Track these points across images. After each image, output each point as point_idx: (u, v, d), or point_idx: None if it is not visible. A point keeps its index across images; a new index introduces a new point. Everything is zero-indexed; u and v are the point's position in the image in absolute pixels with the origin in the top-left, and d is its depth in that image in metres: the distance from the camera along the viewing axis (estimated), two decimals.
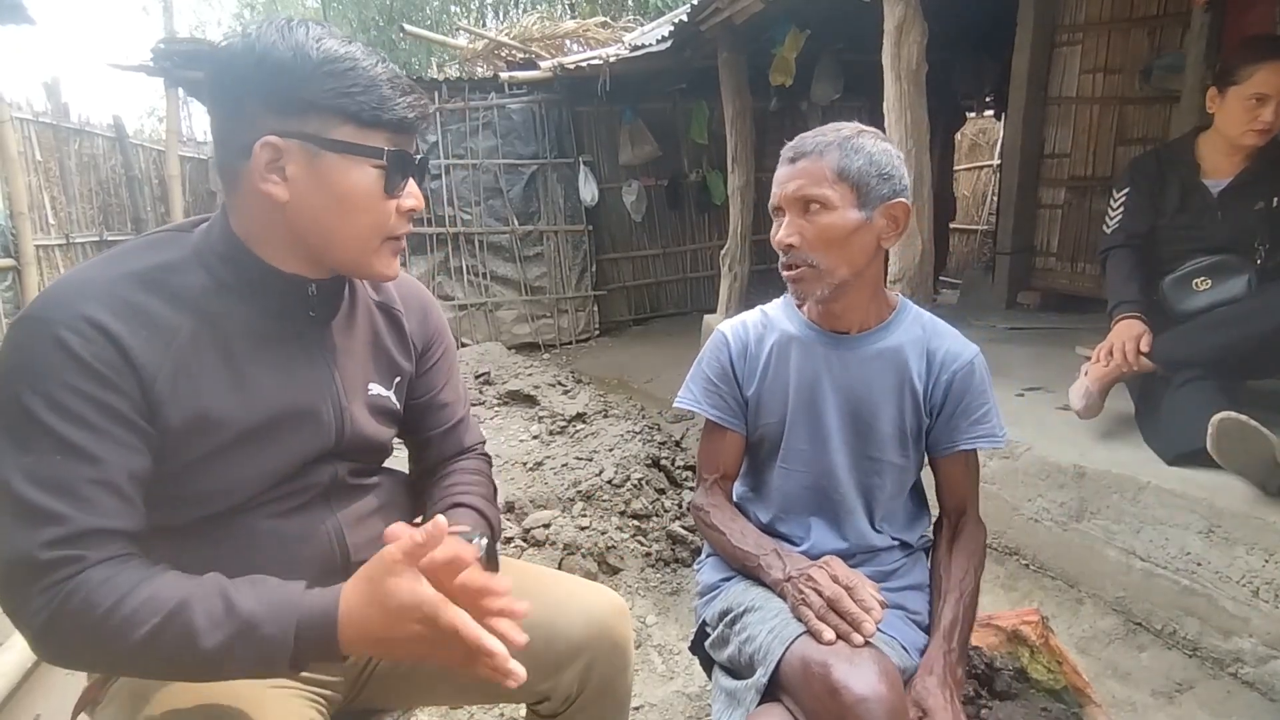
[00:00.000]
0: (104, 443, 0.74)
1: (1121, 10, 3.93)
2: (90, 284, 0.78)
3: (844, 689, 0.88)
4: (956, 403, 1.17)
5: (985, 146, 8.44)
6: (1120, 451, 2.09)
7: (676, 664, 1.97)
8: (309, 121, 0.80)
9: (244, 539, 0.87)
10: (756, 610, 1.07)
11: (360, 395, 0.99)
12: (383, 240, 0.88)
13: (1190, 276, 2.07)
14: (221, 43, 0.84)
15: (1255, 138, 1.96)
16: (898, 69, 2.72)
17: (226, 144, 0.83)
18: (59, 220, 5.09)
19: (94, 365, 0.74)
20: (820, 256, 1.10)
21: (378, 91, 0.82)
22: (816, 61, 5.33)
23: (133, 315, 0.78)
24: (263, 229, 0.86)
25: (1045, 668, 1.52)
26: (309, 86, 0.79)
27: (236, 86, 0.81)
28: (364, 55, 0.82)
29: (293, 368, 0.90)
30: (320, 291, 0.92)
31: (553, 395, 4.26)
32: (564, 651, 1.03)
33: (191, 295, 0.83)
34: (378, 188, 0.85)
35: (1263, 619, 1.64)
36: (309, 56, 0.79)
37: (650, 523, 2.62)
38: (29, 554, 0.70)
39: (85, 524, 0.72)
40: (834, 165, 1.08)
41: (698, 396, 1.26)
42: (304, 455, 0.92)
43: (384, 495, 1.05)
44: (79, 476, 0.73)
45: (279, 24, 0.81)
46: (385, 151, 0.84)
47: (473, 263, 6.01)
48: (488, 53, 6.92)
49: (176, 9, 14.38)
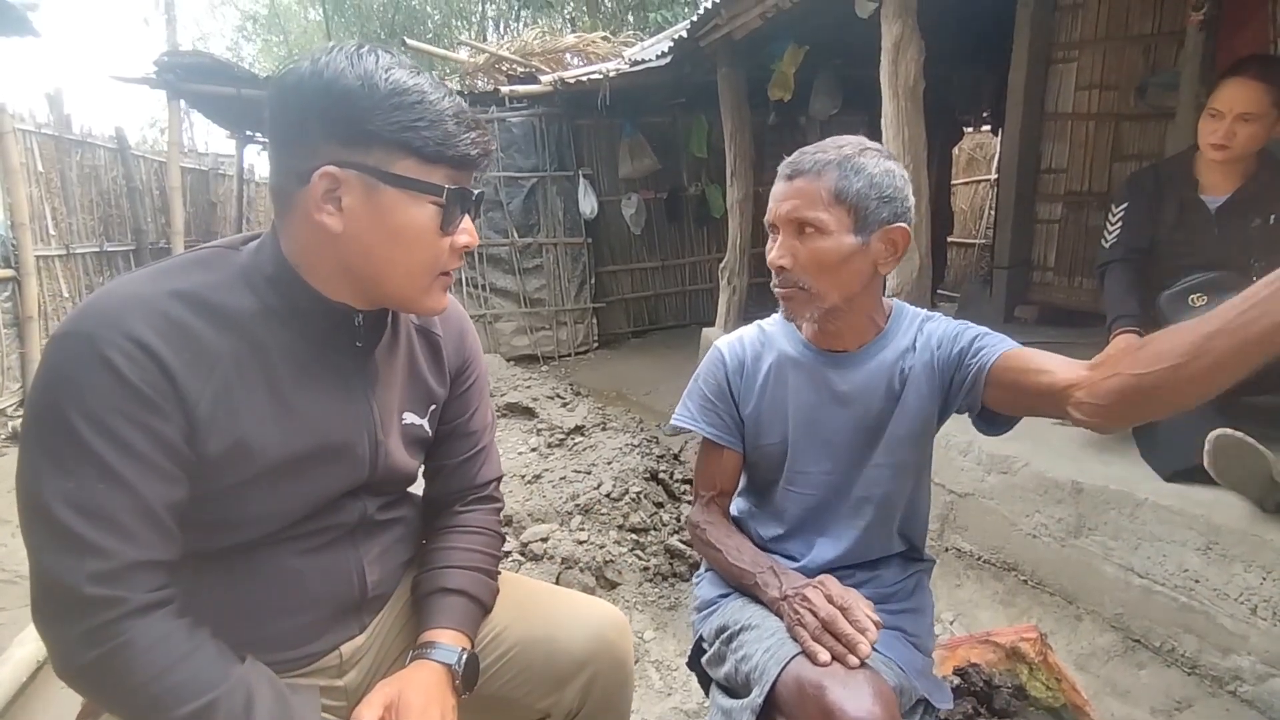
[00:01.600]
0: (148, 472, 0.74)
1: (1117, 28, 3.96)
2: (134, 300, 0.76)
3: (839, 711, 0.88)
4: (964, 352, 1.09)
5: (983, 161, 8.48)
6: (1117, 467, 2.09)
7: (674, 680, 1.96)
8: (371, 154, 0.78)
9: (266, 573, 0.87)
10: (753, 629, 1.06)
11: (395, 426, 0.97)
12: (434, 277, 0.87)
13: (1187, 292, 2.08)
14: (287, 65, 0.83)
15: (1212, 152, 2.00)
16: (895, 85, 2.74)
17: (283, 169, 0.81)
18: (60, 231, 5.10)
19: (141, 389, 0.73)
20: (812, 280, 1.08)
21: (443, 127, 0.80)
22: (815, 77, 5.36)
23: (178, 336, 0.76)
24: (313, 256, 0.84)
25: (1044, 685, 1.51)
26: (374, 118, 0.77)
27: (300, 112, 0.79)
28: (432, 88, 0.80)
29: (332, 399, 0.88)
30: (366, 321, 0.90)
31: (551, 408, 4.26)
32: (566, 667, 1.03)
33: (237, 318, 0.81)
34: (434, 224, 0.83)
35: (1261, 636, 1.64)
36: (377, 87, 0.77)
37: (648, 537, 2.62)
38: (73, 585, 0.70)
39: (129, 558, 0.72)
40: (831, 187, 1.05)
41: (694, 414, 1.25)
42: (336, 489, 0.91)
43: (404, 528, 1.06)
44: (122, 506, 0.72)
45: (348, 50, 0.79)
46: (445, 190, 0.82)
47: (472, 274, 6.02)
48: (488, 67, 6.97)
49: (179, 21, 14.47)
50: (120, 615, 0.72)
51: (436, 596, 1.00)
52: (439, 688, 0.91)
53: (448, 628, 0.97)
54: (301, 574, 0.89)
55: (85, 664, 0.72)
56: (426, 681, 0.91)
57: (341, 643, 0.96)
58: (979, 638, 1.62)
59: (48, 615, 0.73)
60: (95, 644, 0.71)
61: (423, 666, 0.92)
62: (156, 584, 0.75)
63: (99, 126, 6.28)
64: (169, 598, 0.77)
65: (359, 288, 0.86)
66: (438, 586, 1.01)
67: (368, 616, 0.99)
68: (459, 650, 0.95)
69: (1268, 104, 1.91)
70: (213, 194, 8.09)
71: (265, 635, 0.87)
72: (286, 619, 0.89)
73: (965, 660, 1.55)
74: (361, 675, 0.99)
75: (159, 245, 6.24)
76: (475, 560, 1.05)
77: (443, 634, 0.96)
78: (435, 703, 0.89)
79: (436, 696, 0.90)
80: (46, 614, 0.73)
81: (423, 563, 1.06)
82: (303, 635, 0.91)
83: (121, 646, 0.72)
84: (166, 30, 15.10)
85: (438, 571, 1.03)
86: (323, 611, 0.91)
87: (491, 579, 1.07)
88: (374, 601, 1.00)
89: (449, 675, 0.93)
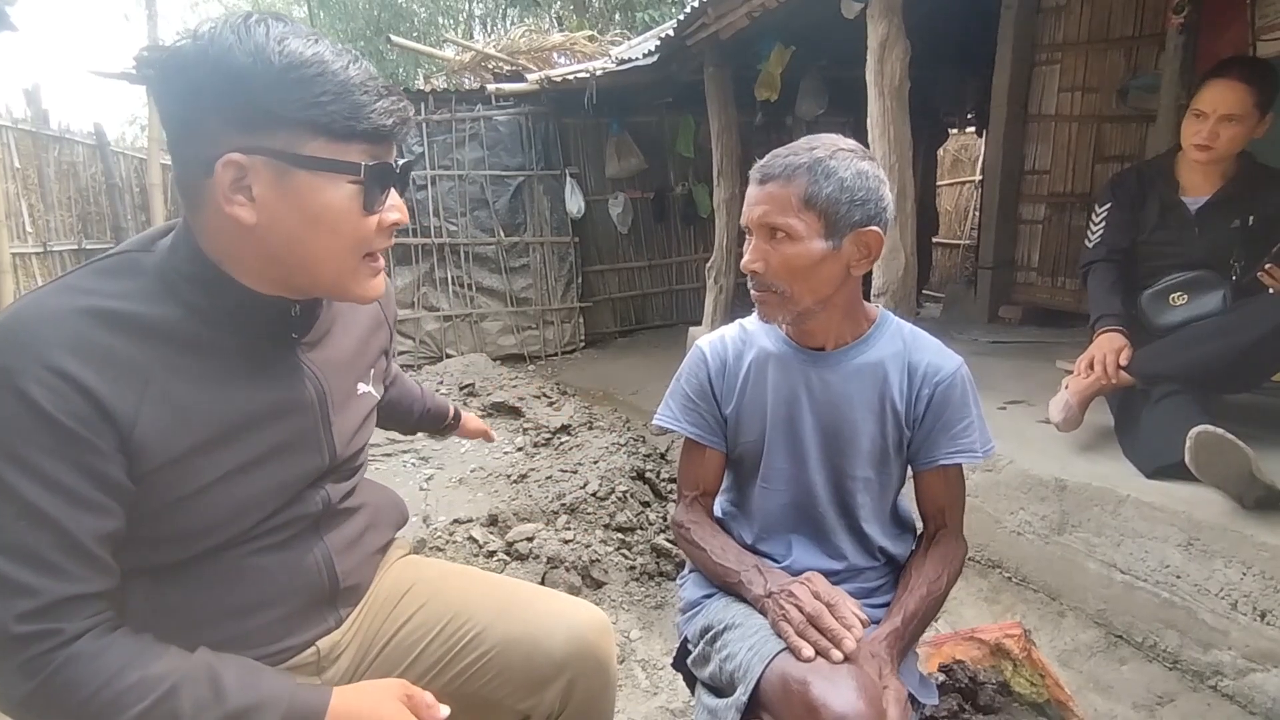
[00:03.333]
0: (73, 507, 0.69)
1: (1099, 31, 4.01)
2: (48, 324, 0.70)
3: (823, 706, 0.87)
4: (937, 417, 1.15)
5: (967, 162, 8.55)
6: (1100, 465, 2.10)
7: (660, 679, 1.96)
8: (276, 136, 0.72)
9: (230, 575, 0.84)
10: (737, 627, 1.06)
11: (349, 403, 0.95)
12: (359, 260, 0.81)
13: (1167, 292, 2.11)
14: (171, 44, 0.74)
15: (1196, 153, 2.02)
16: (881, 85, 2.75)
17: (185, 160, 0.74)
18: (37, 228, 5.02)
19: (63, 422, 0.68)
20: (784, 284, 1.08)
21: (350, 99, 0.73)
22: (801, 77, 5.38)
23: (100, 358, 0.71)
24: (233, 250, 0.78)
25: (1028, 681, 1.52)
26: (273, 96, 0.70)
27: (191, 97, 0.72)
28: (333, 56, 0.73)
29: (277, 394, 0.84)
30: (303, 311, 0.86)
31: (538, 407, 4.24)
32: (546, 669, 1.01)
33: (163, 329, 0.76)
34: (355, 205, 0.77)
35: (1241, 631, 1.66)
36: (271, 62, 0.70)
37: (635, 536, 2.61)
38: (2, 626, 0.67)
39: (58, 593, 0.69)
40: (801, 193, 1.04)
41: (676, 414, 1.24)
42: (299, 481, 0.88)
43: (370, 515, 1.03)
44: (46, 543, 0.68)
45: (234, 22, 0.71)
46: (362, 166, 0.76)
47: (458, 274, 5.98)
48: (475, 65, 6.93)
49: (161, 16, 14.27)
50: (55, 645, 0.68)
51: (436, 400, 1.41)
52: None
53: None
54: (267, 570, 0.86)
55: (27, 694, 0.68)
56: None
57: (318, 637, 0.94)
58: (963, 635, 1.63)
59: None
60: (32, 674, 0.68)
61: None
62: (91, 612, 0.72)
63: (78, 123, 6.18)
64: (107, 620, 0.73)
65: (288, 280, 0.80)
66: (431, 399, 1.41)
67: (344, 609, 0.98)
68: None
69: (1250, 105, 1.93)
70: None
71: (234, 635, 0.84)
72: (256, 616, 0.86)
73: (950, 657, 1.56)
74: (343, 672, 0.98)
75: None
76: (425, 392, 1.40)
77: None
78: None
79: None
80: None
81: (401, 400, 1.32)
82: (274, 631, 0.88)
83: (62, 666, 0.68)
84: (148, 26, 14.90)
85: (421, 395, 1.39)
86: (293, 605, 0.88)
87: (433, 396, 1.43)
88: (348, 593, 0.97)
89: None
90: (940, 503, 1.20)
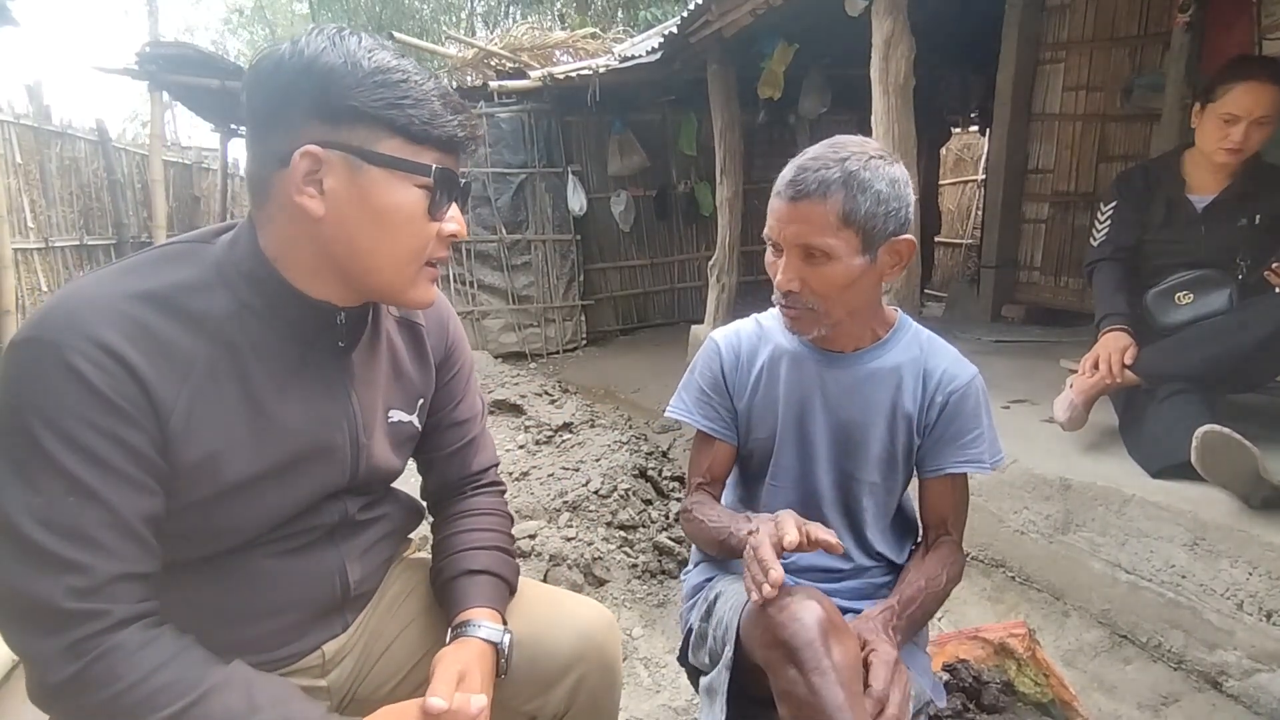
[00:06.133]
0: (120, 484, 0.70)
1: (1103, 30, 4.00)
2: (100, 302, 0.72)
3: (777, 624, 0.88)
4: (948, 425, 1.14)
5: (970, 161, 8.54)
6: (1105, 464, 2.10)
7: (663, 677, 1.95)
8: (356, 132, 0.75)
9: (244, 577, 0.84)
10: (725, 595, 1.06)
11: (380, 425, 0.94)
12: (421, 266, 0.83)
13: (1173, 290, 2.10)
14: (265, 50, 0.79)
15: (1225, 156, 1.99)
16: (886, 82, 2.74)
17: (261, 153, 0.78)
18: (38, 224, 5.02)
19: (112, 398, 0.69)
20: (819, 302, 1.07)
21: (429, 106, 0.77)
22: (805, 75, 5.37)
23: (149, 342, 0.72)
24: (292, 248, 0.80)
25: (1032, 681, 1.52)
26: (358, 94, 0.74)
27: (280, 92, 0.76)
28: (416, 70, 0.78)
29: (313, 402, 0.85)
30: (348, 319, 0.87)
31: (539, 405, 4.23)
32: (552, 669, 1.00)
33: (212, 320, 0.77)
34: (421, 208, 0.80)
35: (1247, 632, 1.65)
36: (360, 65, 0.75)
37: (637, 534, 2.61)
38: (52, 602, 0.67)
39: (107, 572, 0.69)
40: (838, 210, 1.00)
41: (690, 407, 1.24)
42: (317, 494, 0.88)
43: (387, 525, 1.03)
44: (95, 521, 0.69)
45: (329, 32, 0.77)
46: (433, 169, 0.79)
47: (460, 271, 5.97)
48: (477, 62, 6.91)
49: (163, 12, 14.28)
50: (105, 628, 0.69)
51: (464, 579, 0.98)
52: (487, 661, 0.90)
53: (483, 606, 0.95)
54: (281, 576, 0.86)
55: (66, 678, 0.68)
56: (478, 654, 0.89)
57: (324, 642, 0.94)
58: (968, 634, 1.63)
59: (23, 632, 0.70)
60: (78, 657, 0.68)
61: (468, 644, 0.90)
62: (139, 596, 0.73)
63: (79, 118, 6.21)
64: (152, 610, 0.74)
65: (341, 280, 0.82)
66: (463, 570, 0.99)
67: (350, 615, 0.97)
68: (502, 629, 0.94)
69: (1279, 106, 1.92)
70: (196, 188, 7.98)
71: (245, 638, 0.84)
72: (267, 621, 0.87)
73: (954, 656, 1.55)
74: (345, 675, 0.97)
75: (140, 239, 6.12)
76: (493, 540, 1.04)
77: (479, 613, 0.94)
78: (489, 677, 0.89)
79: (489, 671, 0.89)
80: (26, 635, 0.70)
81: (440, 551, 1.04)
82: (284, 636, 0.89)
83: (106, 653, 0.69)
84: (148, 22, 14.92)
85: (459, 555, 1.01)
86: (304, 612, 0.89)
87: (512, 557, 1.06)
88: (357, 600, 0.97)
89: (494, 653, 0.92)
90: (943, 511, 1.19)
